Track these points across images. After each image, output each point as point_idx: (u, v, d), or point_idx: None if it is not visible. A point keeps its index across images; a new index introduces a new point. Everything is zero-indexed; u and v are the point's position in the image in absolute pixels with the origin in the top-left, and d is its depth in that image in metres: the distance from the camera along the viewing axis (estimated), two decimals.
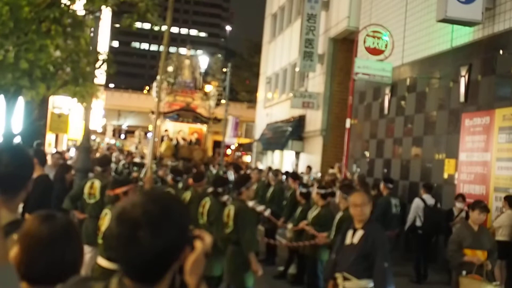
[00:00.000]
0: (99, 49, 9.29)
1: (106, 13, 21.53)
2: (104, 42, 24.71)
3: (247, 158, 36.29)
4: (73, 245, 1.90)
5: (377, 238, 5.27)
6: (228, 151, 43.87)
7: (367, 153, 17.36)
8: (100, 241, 5.61)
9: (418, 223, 11.31)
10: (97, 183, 7.93)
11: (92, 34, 9.22)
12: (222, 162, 27.08)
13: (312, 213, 8.97)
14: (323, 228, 8.25)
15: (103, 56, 9.00)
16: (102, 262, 5.54)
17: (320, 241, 8.25)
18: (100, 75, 9.85)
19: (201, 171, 9.51)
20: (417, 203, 11.53)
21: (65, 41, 7.87)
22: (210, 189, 7.89)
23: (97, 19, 9.73)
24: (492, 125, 11.46)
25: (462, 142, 12.39)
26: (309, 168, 19.23)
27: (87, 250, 7.61)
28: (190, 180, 8.73)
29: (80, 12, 8.52)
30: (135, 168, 17.86)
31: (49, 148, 20.29)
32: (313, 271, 8.74)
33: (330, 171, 16.14)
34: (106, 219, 5.55)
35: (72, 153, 18.16)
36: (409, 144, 14.89)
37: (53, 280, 1.82)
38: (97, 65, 8.80)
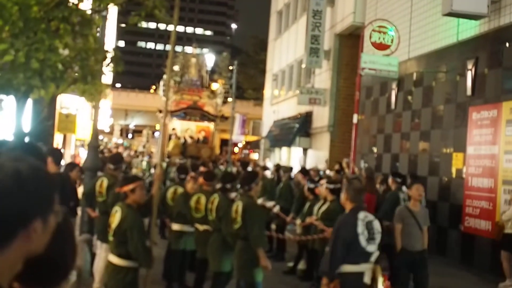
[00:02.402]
0: (106, 48, 9.34)
1: (112, 12, 21.53)
2: (111, 42, 24.75)
3: (254, 156, 36.32)
4: (62, 243, 1.88)
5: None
6: (236, 149, 43.92)
7: (374, 149, 17.36)
8: (111, 238, 5.66)
9: None
10: (105, 182, 7.99)
11: (99, 34, 9.27)
12: (230, 159, 27.12)
13: (321, 208, 9.00)
14: (332, 223, 8.25)
15: (111, 54, 9.03)
16: (114, 259, 5.60)
17: (329, 236, 8.27)
18: (108, 74, 9.88)
19: (212, 171, 9.53)
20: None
21: (74, 40, 7.92)
22: (218, 185, 7.93)
23: (104, 18, 9.77)
24: (499, 118, 11.45)
25: (470, 136, 12.38)
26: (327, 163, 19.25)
27: (100, 246, 7.70)
28: (201, 179, 8.74)
29: (88, 11, 8.56)
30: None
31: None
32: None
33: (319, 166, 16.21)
34: (116, 216, 5.60)
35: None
36: (416, 139, 14.88)
37: (44, 279, 1.80)
38: (105, 63, 8.84)
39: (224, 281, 7.45)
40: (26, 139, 8.85)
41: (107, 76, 10.92)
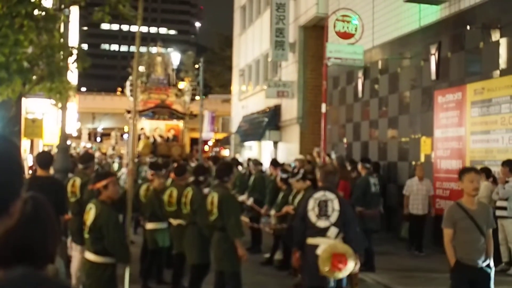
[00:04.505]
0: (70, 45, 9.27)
1: (74, 14, 21.21)
2: (74, 44, 24.45)
3: (225, 152, 36.29)
4: (41, 230, 1.87)
5: None
6: (206, 148, 43.80)
7: (345, 140, 17.51)
8: (86, 235, 5.63)
9: None
10: (78, 181, 7.93)
11: (63, 30, 9.18)
12: (200, 157, 27.05)
13: (296, 198, 9.06)
14: None
15: (76, 51, 8.97)
16: (90, 256, 5.57)
17: None
18: (74, 72, 9.80)
19: (182, 165, 9.53)
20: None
21: (38, 37, 7.82)
22: (191, 179, 7.95)
23: (66, 18, 9.66)
24: (464, 100, 11.67)
25: (436, 119, 12.59)
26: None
27: (75, 248, 7.64)
28: (172, 175, 8.77)
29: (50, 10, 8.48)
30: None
31: (25, 154, 20.09)
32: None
33: (301, 157, 16.19)
34: (90, 214, 5.57)
35: None
36: (385, 126, 15.07)
37: (23, 264, 1.79)
38: (71, 59, 8.76)
39: (203, 273, 7.47)
40: None
41: (73, 76, 10.83)
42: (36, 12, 7.45)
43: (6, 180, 1.40)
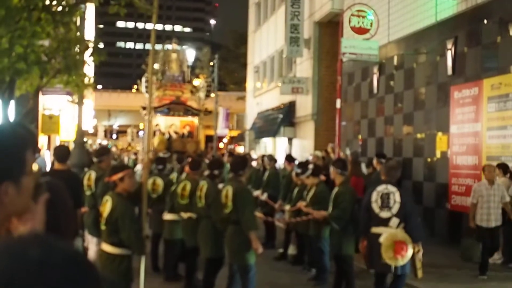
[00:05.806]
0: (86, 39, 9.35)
1: (90, 11, 21.35)
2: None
3: (240, 149, 36.38)
4: (53, 214, 1.89)
5: None
6: (221, 145, 43.90)
7: (359, 136, 17.46)
8: (103, 227, 5.68)
9: None
10: (93, 175, 8.00)
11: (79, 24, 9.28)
12: (215, 154, 27.10)
13: (309, 194, 9.07)
14: (322, 205, 8.33)
15: (92, 44, 9.05)
16: (107, 247, 5.62)
17: (317, 216, 8.37)
18: (90, 70, 9.94)
19: (197, 160, 9.58)
20: None
21: (55, 30, 7.92)
22: (206, 172, 7.99)
23: (82, 17, 9.75)
24: (480, 96, 11.58)
25: (452, 115, 12.51)
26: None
27: (91, 240, 7.71)
28: (187, 168, 8.84)
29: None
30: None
31: (43, 150, 20.27)
32: (318, 248, 8.82)
33: (317, 153, 16.14)
34: (107, 206, 5.62)
35: None
36: (400, 122, 15.00)
37: None
38: (87, 53, 8.84)
39: (217, 267, 7.50)
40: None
41: (89, 72, 10.94)
42: (53, 5, 7.55)
43: None
